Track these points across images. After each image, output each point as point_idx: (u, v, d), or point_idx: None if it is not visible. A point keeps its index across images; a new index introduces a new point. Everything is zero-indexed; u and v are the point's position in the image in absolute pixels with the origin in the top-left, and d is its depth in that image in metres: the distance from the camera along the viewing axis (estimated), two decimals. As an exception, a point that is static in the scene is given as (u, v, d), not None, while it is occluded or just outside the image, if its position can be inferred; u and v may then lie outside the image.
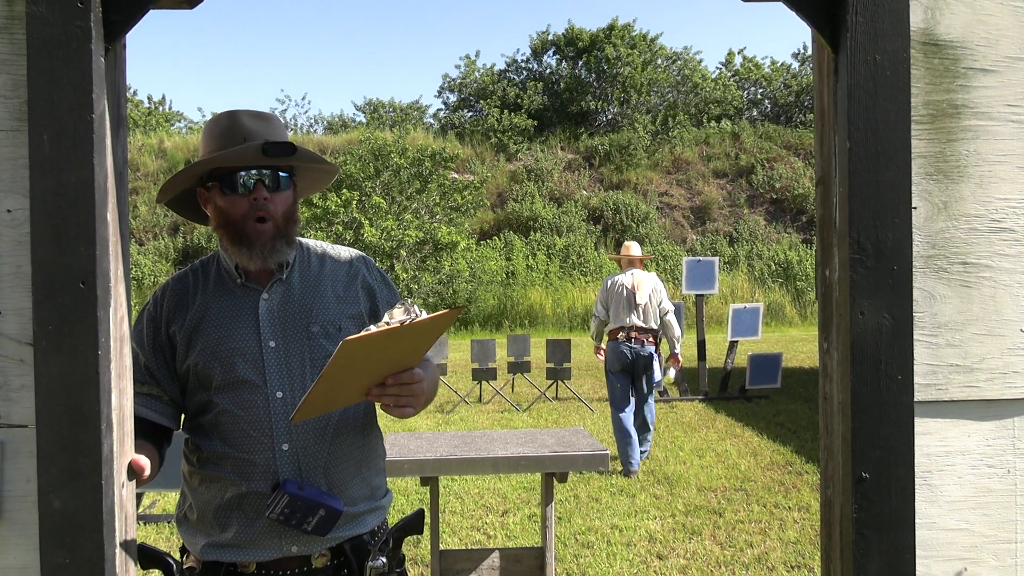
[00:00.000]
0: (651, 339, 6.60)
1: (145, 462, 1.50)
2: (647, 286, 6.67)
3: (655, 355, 6.63)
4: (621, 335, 6.59)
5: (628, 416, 6.59)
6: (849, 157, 1.40)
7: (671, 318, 6.72)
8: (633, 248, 7.00)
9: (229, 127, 1.76)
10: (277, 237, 1.76)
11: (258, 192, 1.73)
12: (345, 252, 1.93)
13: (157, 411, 1.79)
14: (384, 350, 1.54)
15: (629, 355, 6.55)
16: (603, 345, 6.86)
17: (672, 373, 7.24)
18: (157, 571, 1.76)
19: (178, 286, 1.86)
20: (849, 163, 1.40)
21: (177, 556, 1.85)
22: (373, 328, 1.49)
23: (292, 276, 1.83)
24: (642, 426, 6.84)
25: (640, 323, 6.58)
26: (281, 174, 1.77)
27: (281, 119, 1.88)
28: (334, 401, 1.61)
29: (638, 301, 6.58)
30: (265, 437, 1.74)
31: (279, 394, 1.75)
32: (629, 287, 6.65)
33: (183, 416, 1.86)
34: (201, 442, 1.79)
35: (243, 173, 1.73)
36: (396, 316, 1.52)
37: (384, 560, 1.79)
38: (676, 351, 6.94)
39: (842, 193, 1.43)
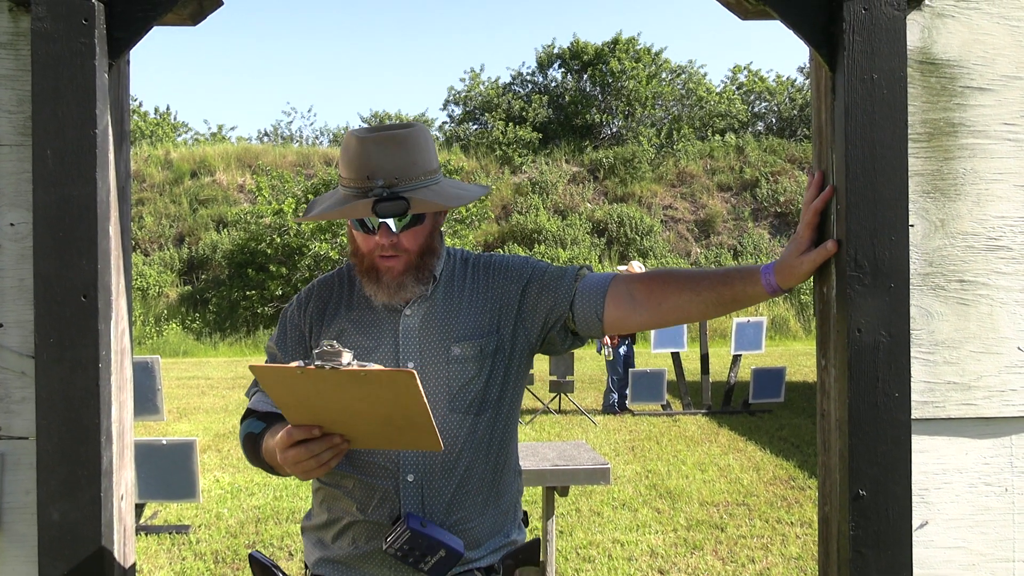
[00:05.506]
0: None
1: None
2: None
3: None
4: None
5: None
6: (846, 175, 1.41)
7: None
8: (633, 265, 10.10)
9: (355, 157, 1.61)
10: (407, 272, 1.65)
11: (382, 236, 1.62)
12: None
13: None
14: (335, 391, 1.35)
15: None
16: None
17: (604, 350, 10.04)
18: None
19: (323, 292, 1.77)
20: (846, 181, 1.41)
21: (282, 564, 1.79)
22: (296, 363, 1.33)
23: (436, 293, 1.71)
24: None
25: None
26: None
27: (421, 132, 1.66)
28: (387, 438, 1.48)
29: None
30: (391, 464, 1.64)
31: None
32: None
33: None
34: None
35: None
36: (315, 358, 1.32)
37: None
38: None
39: (839, 210, 1.43)
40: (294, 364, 1.31)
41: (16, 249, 1.40)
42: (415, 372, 1.28)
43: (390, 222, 1.61)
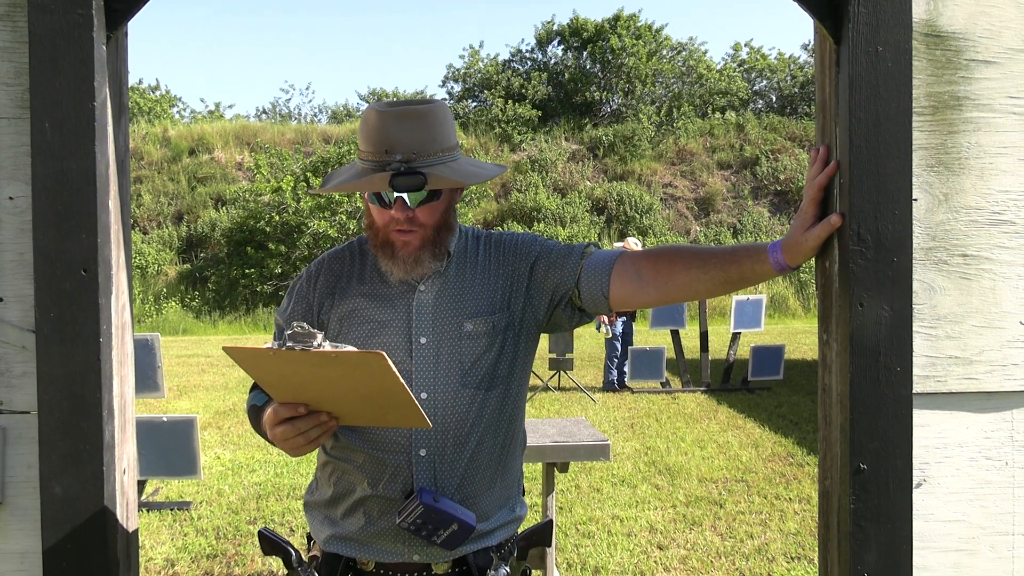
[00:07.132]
0: None
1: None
2: None
3: None
4: None
5: None
6: (850, 148, 1.40)
7: None
8: (629, 241, 10.25)
9: (374, 131, 1.61)
10: (423, 248, 1.65)
11: (398, 210, 1.62)
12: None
13: None
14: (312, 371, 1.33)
15: None
16: None
17: (602, 328, 10.03)
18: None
19: (335, 265, 1.77)
20: (850, 154, 1.40)
21: (302, 541, 1.81)
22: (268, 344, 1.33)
23: (449, 269, 1.72)
24: None
25: None
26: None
27: (441, 109, 1.66)
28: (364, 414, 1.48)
29: None
30: (403, 439, 1.64)
31: (423, 395, 1.64)
32: None
33: None
34: (338, 431, 1.68)
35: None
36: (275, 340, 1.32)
37: (507, 570, 1.70)
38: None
39: (843, 184, 1.43)
40: (265, 346, 1.30)
41: (15, 223, 1.40)
42: (385, 354, 1.26)
43: (406, 196, 1.61)
